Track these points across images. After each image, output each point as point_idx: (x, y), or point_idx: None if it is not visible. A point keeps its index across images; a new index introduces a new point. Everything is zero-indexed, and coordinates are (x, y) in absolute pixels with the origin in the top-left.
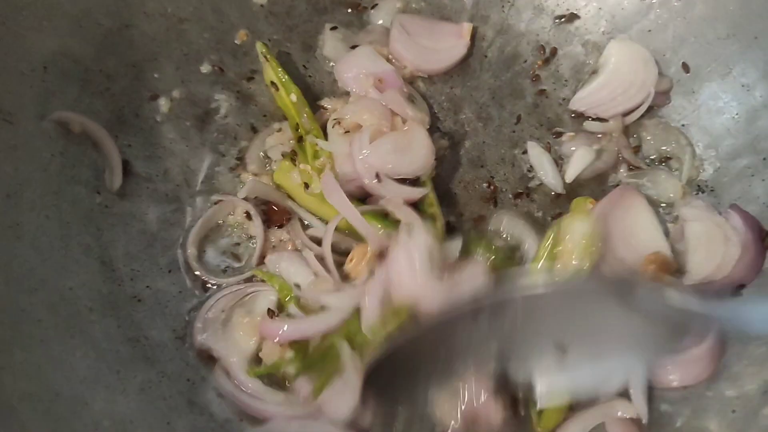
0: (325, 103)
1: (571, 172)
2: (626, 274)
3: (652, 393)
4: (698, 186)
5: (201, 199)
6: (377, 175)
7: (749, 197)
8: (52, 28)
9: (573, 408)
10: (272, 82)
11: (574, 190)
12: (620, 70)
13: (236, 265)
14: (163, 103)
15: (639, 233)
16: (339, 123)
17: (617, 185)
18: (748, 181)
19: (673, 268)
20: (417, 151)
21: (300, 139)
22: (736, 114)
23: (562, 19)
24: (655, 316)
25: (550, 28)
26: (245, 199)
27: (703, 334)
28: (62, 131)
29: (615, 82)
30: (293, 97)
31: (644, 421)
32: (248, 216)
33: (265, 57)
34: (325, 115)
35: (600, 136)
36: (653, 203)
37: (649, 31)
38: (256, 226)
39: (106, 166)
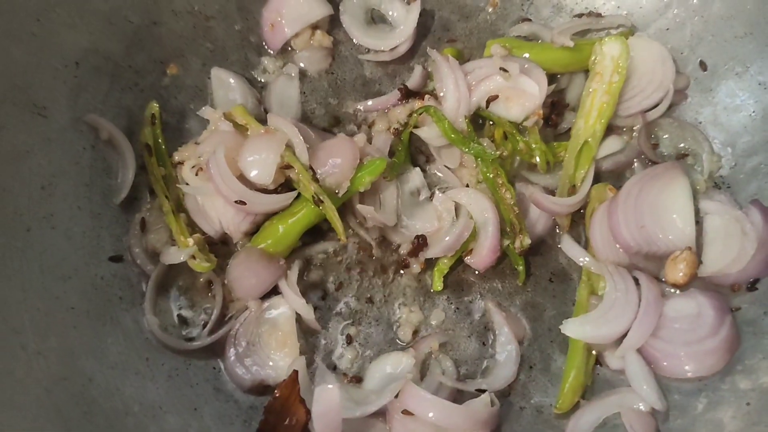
0: (177, 156)
1: (600, 155)
2: None
3: (666, 384)
4: (715, 182)
5: None
6: (239, 201)
7: (765, 194)
8: (84, 26)
9: (586, 396)
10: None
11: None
12: (639, 68)
13: None
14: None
15: (671, 211)
16: (201, 169)
17: None
18: (765, 177)
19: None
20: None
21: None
22: (753, 112)
23: (581, 17)
24: None
25: None
26: None
27: (717, 326)
28: (93, 127)
29: (634, 80)
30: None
31: (658, 408)
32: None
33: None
34: (183, 170)
35: (623, 130)
36: None
37: (667, 29)
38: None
39: (119, 177)
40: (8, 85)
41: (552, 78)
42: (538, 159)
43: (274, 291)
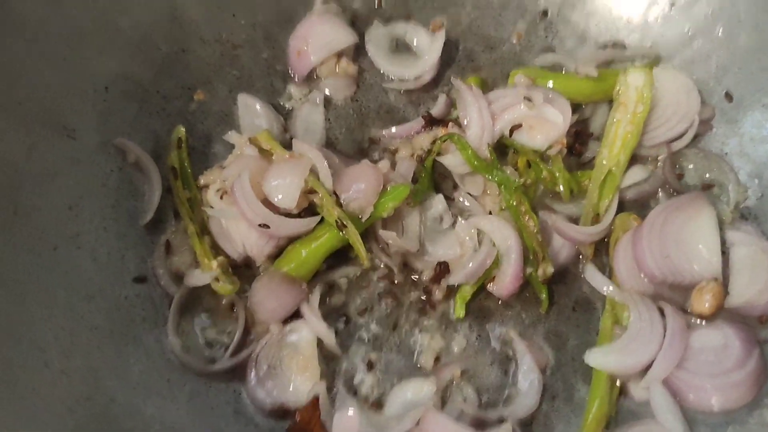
0: (202, 179)
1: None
2: None
3: (692, 416)
4: (741, 213)
5: None
6: (263, 225)
7: None
8: (115, 52)
9: (610, 427)
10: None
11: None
12: (664, 99)
13: None
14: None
15: (697, 242)
16: (226, 192)
17: None
18: None
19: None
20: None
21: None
22: None
23: (605, 48)
24: None
25: None
26: None
27: (744, 358)
28: (120, 150)
29: (659, 111)
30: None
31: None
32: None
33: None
34: (207, 193)
35: (648, 160)
36: None
37: (693, 61)
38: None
39: (145, 199)
40: (40, 107)
41: (576, 107)
42: (561, 187)
43: (296, 315)
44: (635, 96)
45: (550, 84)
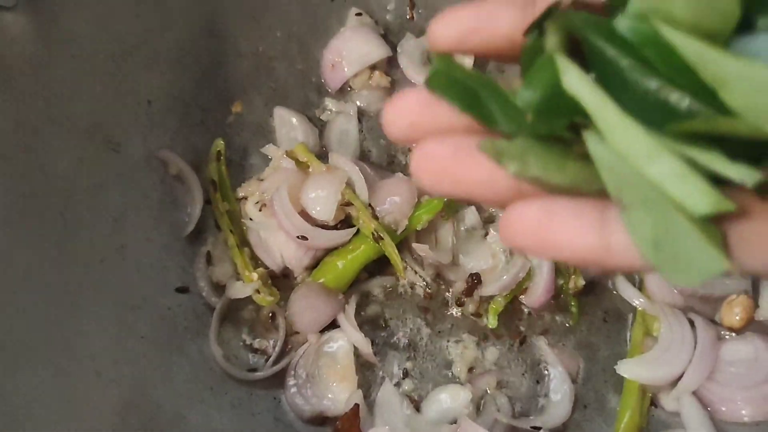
0: (240, 191)
1: None
2: None
3: (723, 428)
4: None
5: None
6: (301, 237)
7: None
8: (158, 67)
9: None
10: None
11: None
12: None
13: None
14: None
15: None
16: (264, 205)
17: None
18: None
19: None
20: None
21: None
22: None
23: None
24: None
25: None
26: None
27: None
28: (162, 162)
29: None
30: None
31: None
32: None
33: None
34: (246, 205)
35: None
36: None
37: None
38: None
39: (187, 211)
40: (88, 122)
41: None
42: None
43: (333, 324)
44: None
45: None
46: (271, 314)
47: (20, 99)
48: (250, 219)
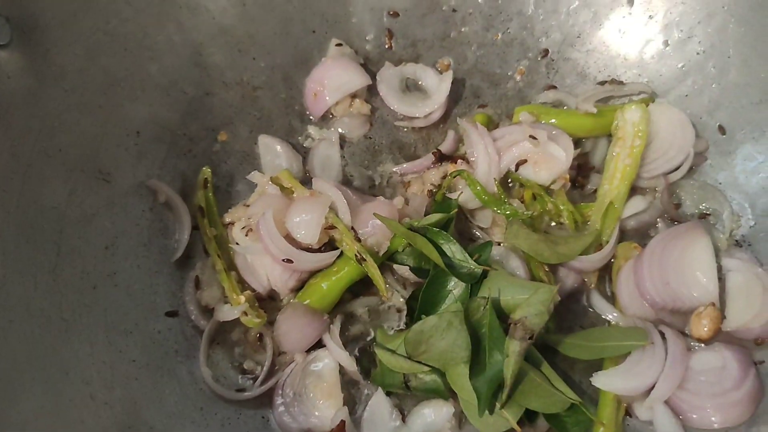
0: (227, 217)
1: (625, 214)
2: None
3: None
4: (736, 241)
5: None
6: (287, 260)
7: None
8: (145, 98)
9: None
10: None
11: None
12: (660, 133)
13: None
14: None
15: (695, 269)
16: (251, 229)
17: None
18: None
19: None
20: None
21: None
22: None
23: (604, 85)
24: None
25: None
26: None
27: (742, 379)
28: (151, 191)
29: (656, 144)
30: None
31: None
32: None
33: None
34: (233, 230)
35: (647, 191)
36: None
37: (686, 95)
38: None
39: (176, 237)
40: (78, 153)
41: (577, 142)
42: (566, 219)
43: (319, 344)
44: (632, 131)
45: (553, 121)
46: (258, 335)
47: (14, 132)
48: (237, 243)
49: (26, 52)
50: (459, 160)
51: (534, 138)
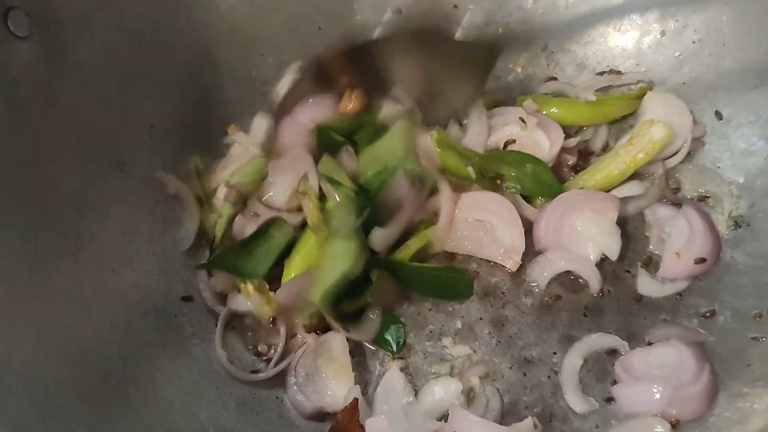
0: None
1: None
2: None
3: None
4: (735, 221)
5: None
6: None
7: None
8: (159, 92)
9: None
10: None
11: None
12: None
13: None
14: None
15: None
16: (231, 187)
17: None
18: None
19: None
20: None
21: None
22: (767, 156)
23: (602, 75)
24: None
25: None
26: None
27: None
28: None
29: None
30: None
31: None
32: None
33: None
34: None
35: (645, 177)
36: None
37: (683, 83)
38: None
39: (185, 227)
40: (95, 144)
41: (578, 129)
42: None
43: (329, 326)
44: (646, 144)
45: (555, 110)
46: (272, 320)
47: (34, 122)
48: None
49: (45, 45)
50: None
51: (523, 121)
